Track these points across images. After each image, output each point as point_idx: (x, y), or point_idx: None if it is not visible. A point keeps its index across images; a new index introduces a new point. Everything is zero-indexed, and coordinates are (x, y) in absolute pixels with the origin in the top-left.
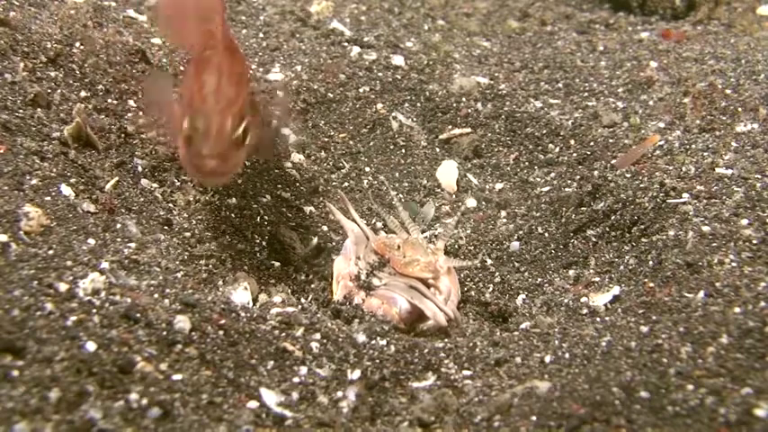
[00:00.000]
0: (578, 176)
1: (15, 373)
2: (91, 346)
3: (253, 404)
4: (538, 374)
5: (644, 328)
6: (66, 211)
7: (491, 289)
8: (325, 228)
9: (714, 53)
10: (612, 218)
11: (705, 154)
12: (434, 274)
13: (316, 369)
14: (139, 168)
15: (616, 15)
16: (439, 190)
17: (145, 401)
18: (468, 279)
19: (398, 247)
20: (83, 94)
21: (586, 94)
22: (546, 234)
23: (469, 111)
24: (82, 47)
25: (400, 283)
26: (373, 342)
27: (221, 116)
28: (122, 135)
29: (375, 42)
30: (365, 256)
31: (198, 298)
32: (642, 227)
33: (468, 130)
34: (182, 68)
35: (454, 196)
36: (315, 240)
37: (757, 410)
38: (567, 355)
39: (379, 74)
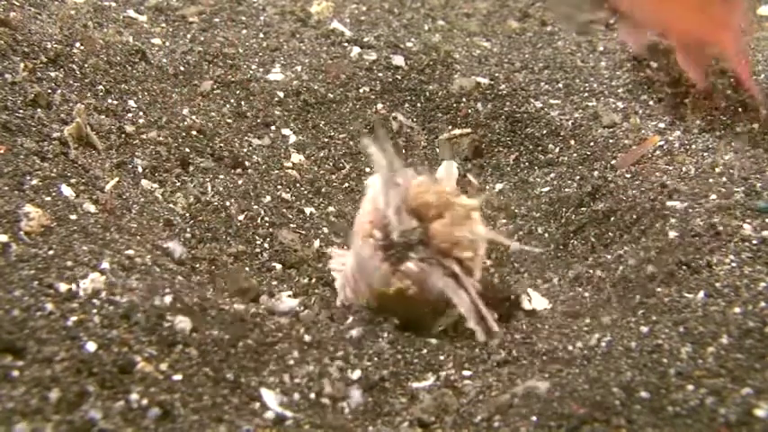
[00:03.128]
0: (578, 177)
1: (15, 373)
2: (91, 346)
3: (253, 405)
4: (538, 375)
5: (644, 329)
6: (66, 211)
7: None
8: (326, 230)
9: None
10: (612, 218)
11: (705, 154)
12: (474, 254)
13: (316, 369)
14: (140, 169)
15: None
16: None
17: (145, 402)
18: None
19: (438, 213)
20: (83, 94)
21: (586, 94)
22: (546, 234)
23: (470, 111)
24: (82, 47)
25: (437, 269)
26: (374, 342)
27: None
28: (123, 135)
29: (375, 43)
30: (401, 216)
31: (198, 299)
32: (642, 227)
33: (469, 130)
34: None
35: None
36: (317, 243)
37: (757, 411)
38: (566, 356)
39: (380, 74)
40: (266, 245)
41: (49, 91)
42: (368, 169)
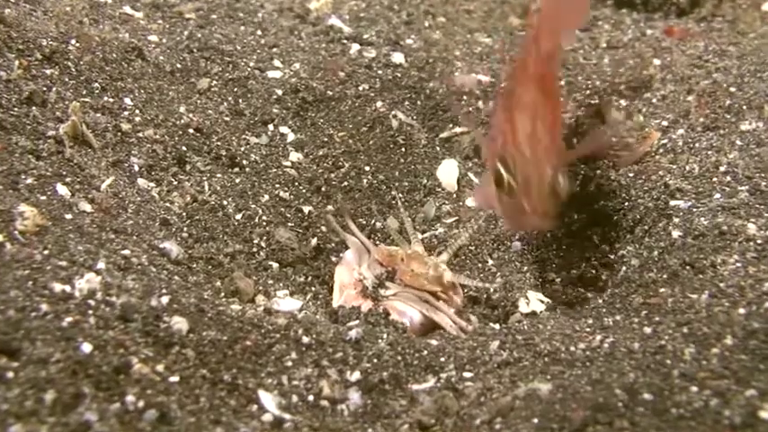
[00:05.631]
0: (581, 176)
1: (10, 374)
2: (87, 347)
3: (251, 407)
4: (540, 376)
5: (647, 330)
6: (61, 210)
7: (492, 289)
8: (323, 228)
9: (718, 50)
10: (615, 218)
11: (709, 153)
12: (443, 288)
13: (315, 371)
14: (136, 167)
15: (619, 12)
16: (439, 189)
17: (141, 403)
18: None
19: (402, 259)
20: (79, 91)
21: (589, 91)
22: (548, 234)
23: (470, 109)
24: (78, 44)
25: (411, 294)
26: (373, 343)
27: (543, 170)
28: (119, 134)
29: (375, 39)
30: (370, 266)
31: (195, 299)
32: (645, 227)
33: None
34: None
35: (455, 195)
36: (314, 241)
37: (762, 413)
38: (569, 357)
39: (379, 71)
40: (263, 244)
41: (45, 89)
42: (367, 168)
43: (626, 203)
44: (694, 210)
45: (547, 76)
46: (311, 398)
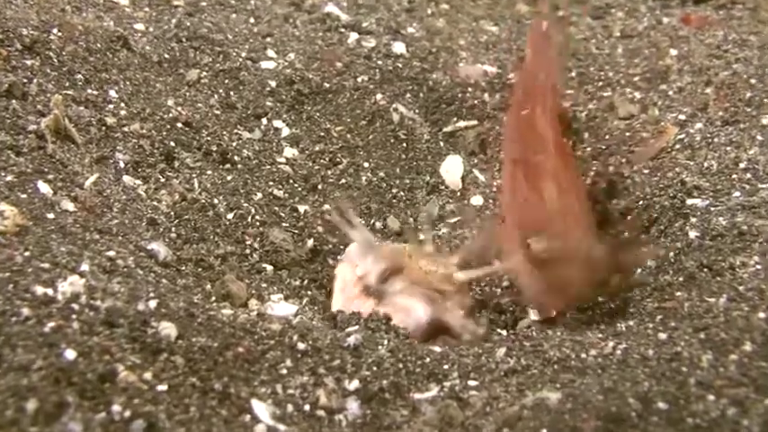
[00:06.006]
0: (593, 172)
1: None
2: (70, 353)
3: (244, 417)
4: (548, 385)
5: (662, 335)
6: (43, 209)
7: (499, 293)
8: (320, 228)
9: (738, 40)
10: (629, 217)
11: (728, 148)
12: (453, 287)
13: (311, 379)
14: (121, 164)
15: None
16: (443, 187)
17: (128, 413)
18: (475, 283)
19: (409, 256)
20: (61, 83)
21: (601, 83)
22: None
23: (476, 102)
24: (60, 33)
25: (418, 293)
26: (373, 350)
27: (576, 240)
28: (103, 128)
29: (374, 28)
30: (374, 263)
31: (185, 303)
32: (661, 227)
33: (475, 122)
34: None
35: (459, 194)
36: (310, 242)
37: None
38: (579, 364)
39: (379, 62)
40: (256, 245)
41: (25, 80)
42: (366, 164)
43: (641, 202)
44: (712, 209)
45: (561, 142)
46: (307, 407)
